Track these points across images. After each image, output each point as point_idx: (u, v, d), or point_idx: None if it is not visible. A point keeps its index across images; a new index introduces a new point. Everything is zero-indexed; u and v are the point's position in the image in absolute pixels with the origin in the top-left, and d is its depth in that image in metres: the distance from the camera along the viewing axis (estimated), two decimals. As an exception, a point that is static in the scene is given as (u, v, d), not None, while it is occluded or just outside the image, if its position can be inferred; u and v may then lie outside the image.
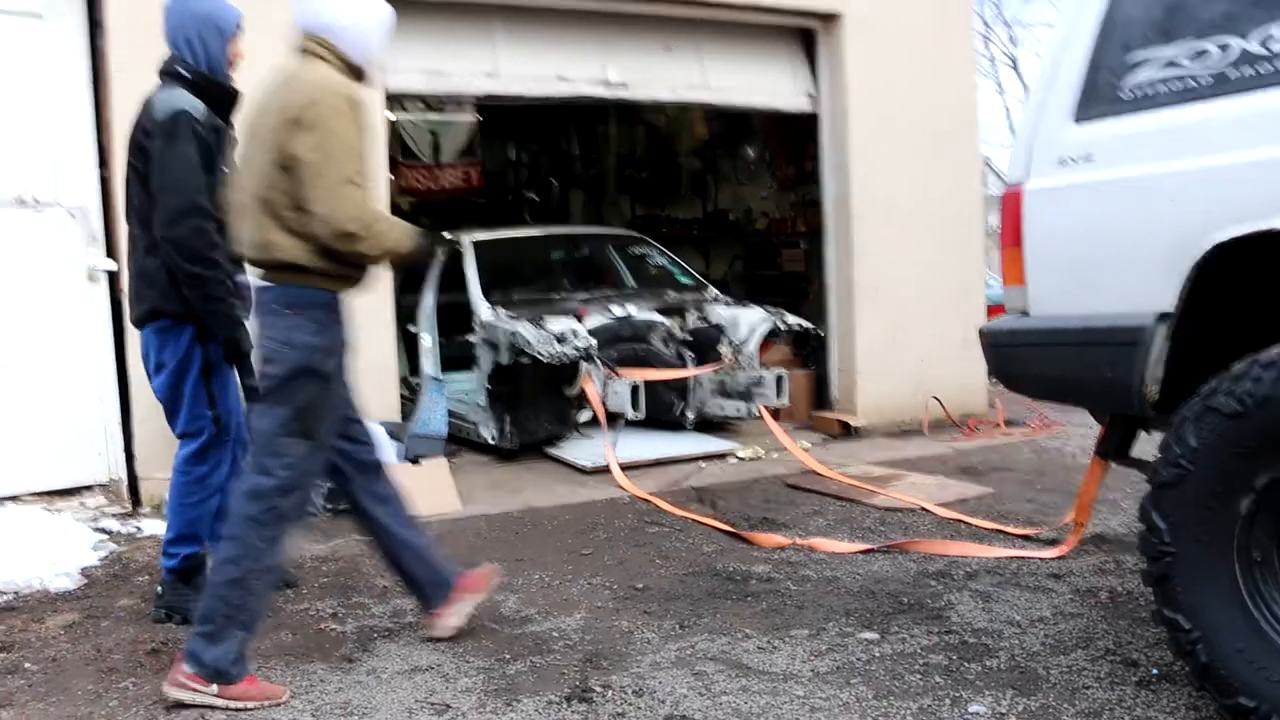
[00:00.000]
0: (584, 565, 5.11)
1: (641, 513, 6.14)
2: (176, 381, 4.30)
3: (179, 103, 4.11)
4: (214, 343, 4.27)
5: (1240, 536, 2.95)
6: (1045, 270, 3.63)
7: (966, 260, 9.39)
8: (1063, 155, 3.55)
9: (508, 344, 7.45)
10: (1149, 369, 3.23)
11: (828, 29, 9.00)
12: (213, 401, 4.31)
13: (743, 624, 4.22)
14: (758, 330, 8.22)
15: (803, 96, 9.17)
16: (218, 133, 4.21)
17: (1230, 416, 2.89)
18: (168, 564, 4.43)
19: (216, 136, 4.19)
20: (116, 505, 6.26)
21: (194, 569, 4.41)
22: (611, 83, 8.38)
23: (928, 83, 9.06)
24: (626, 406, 7.37)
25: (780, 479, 6.98)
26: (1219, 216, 3.07)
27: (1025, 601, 4.35)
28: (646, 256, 9.69)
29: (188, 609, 4.12)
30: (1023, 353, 3.77)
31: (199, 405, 4.30)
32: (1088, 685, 3.48)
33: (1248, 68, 3.11)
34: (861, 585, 4.66)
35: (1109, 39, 3.49)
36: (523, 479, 7.20)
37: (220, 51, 4.29)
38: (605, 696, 3.54)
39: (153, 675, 3.83)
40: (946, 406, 8.97)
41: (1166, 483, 3.03)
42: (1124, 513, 5.60)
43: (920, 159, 9.02)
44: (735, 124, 12.09)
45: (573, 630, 4.21)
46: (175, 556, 4.40)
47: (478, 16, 7.83)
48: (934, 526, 5.64)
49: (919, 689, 3.52)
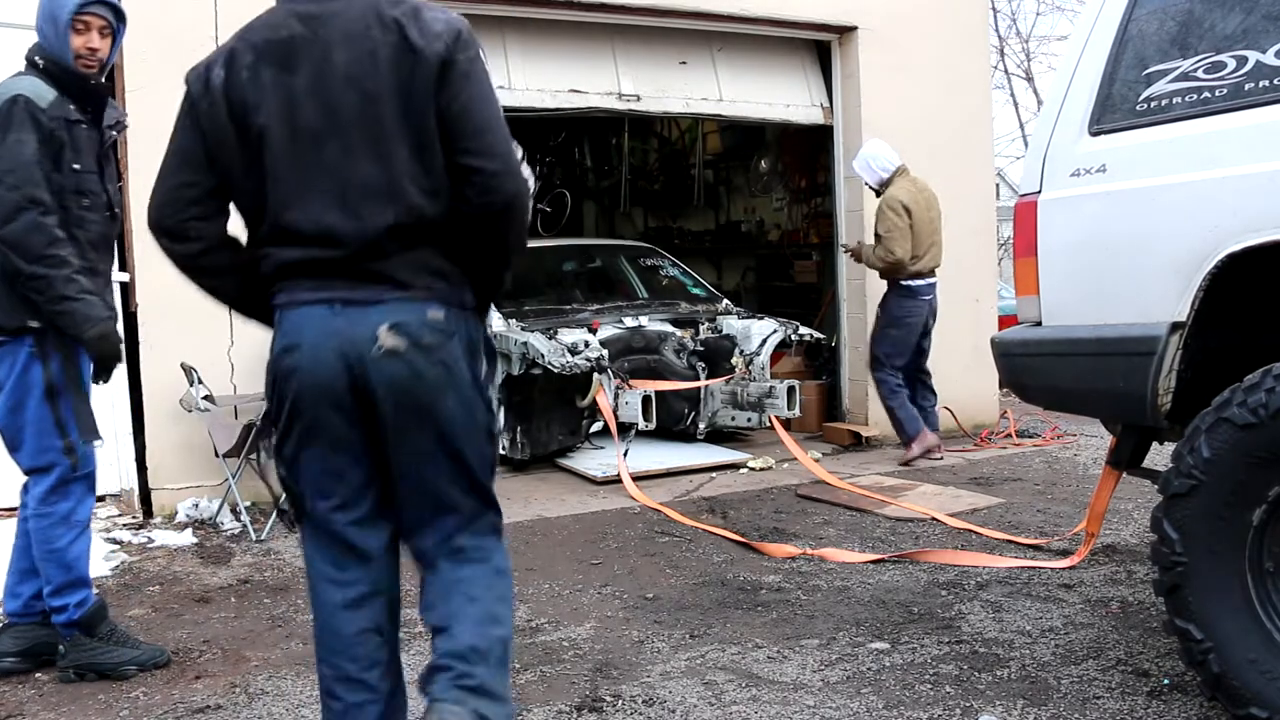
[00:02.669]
0: (594, 575, 5.11)
1: (652, 523, 6.14)
2: (14, 407, 3.78)
3: (16, 88, 3.73)
4: (58, 361, 3.79)
5: (1252, 547, 2.94)
6: (1059, 280, 3.62)
7: (978, 272, 9.37)
8: (1078, 166, 3.55)
9: (519, 354, 7.46)
10: (1161, 379, 3.23)
11: (842, 42, 9.03)
12: (62, 429, 3.79)
13: (753, 634, 4.21)
14: (769, 341, 8.21)
15: (816, 109, 9.18)
16: (71, 125, 3.77)
17: (1243, 427, 2.89)
18: (60, 620, 3.89)
19: (69, 129, 3.77)
20: (128, 515, 6.29)
21: (94, 617, 3.94)
22: (625, 95, 8.41)
23: (942, 96, 9.06)
24: (638, 417, 7.37)
25: (791, 489, 6.97)
26: (1232, 227, 3.07)
27: (1036, 611, 4.33)
28: (659, 268, 9.70)
29: (101, 664, 3.89)
30: (1036, 363, 3.76)
31: (46, 436, 3.79)
32: (1099, 695, 3.47)
33: (1263, 81, 3.12)
34: (872, 595, 4.65)
35: (1125, 51, 3.49)
36: (534, 489, 7.20)
37: (60, 42, 3.79)
38: (615, 706, 3.53)
39: (163, 685, 3.85)
40: (958, 417, 8.95)
41: (1179, 493, 3.02)
42: (1135, 523, 5.58)
43: (933, 171, 8.97)
44: (748, 136, 12.10)
45: (583, 639, 4.21)
46: (65, 609, 3.86)
47: (490, 28, 7.87)
48: (945, 537, 5.62)
49: (929, 699, 3.51)
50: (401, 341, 2.41)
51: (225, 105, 2.48)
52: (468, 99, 2.43)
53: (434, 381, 2.45)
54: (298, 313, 2.48)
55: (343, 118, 2.43)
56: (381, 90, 2.42)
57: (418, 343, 2.43)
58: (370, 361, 2.41)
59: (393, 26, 2.42)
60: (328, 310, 2.44)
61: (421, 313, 2.45)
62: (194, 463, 6.49)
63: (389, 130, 2.43)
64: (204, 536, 6.01)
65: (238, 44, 2.51)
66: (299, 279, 2.48)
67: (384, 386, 2.42)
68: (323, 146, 2.45)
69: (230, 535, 6.06)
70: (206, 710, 3.61)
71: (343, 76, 2.43)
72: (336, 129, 2.44)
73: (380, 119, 2.43)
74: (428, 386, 2.45)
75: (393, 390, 2.43)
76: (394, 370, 2.42)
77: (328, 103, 2.44)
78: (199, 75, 2.54)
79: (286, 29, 2.47)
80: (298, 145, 2.45)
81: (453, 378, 2.49)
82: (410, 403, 2.44)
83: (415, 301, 2.46)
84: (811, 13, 8.72)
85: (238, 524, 6.19)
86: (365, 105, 2.43)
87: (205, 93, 2.51)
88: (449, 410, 2.48)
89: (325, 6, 2.47)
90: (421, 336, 2.44)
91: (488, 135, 2.44)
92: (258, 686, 3.82)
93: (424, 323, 2.45)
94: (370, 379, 2.42)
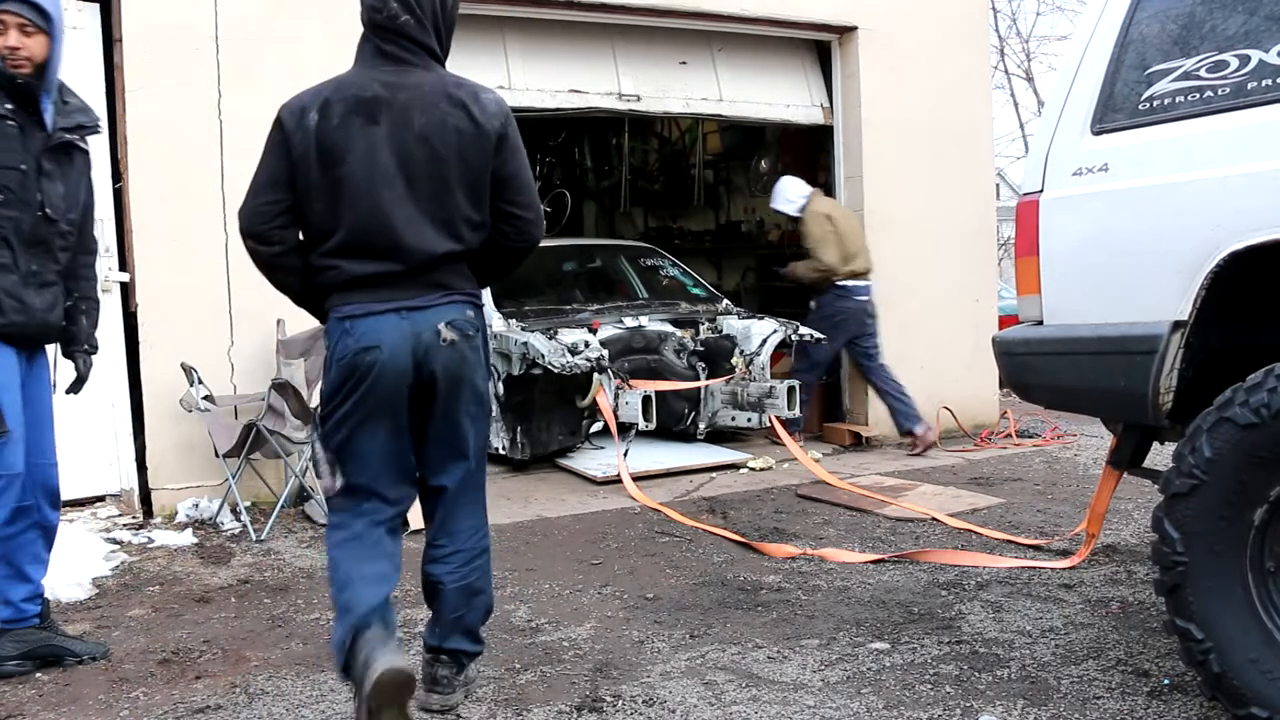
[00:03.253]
0: (594, 575, 5.11)
1: (652, 523, 6.13)
2: None
3: None
4: None
5: (1254, 546, 2.94)
6: (1060, 279, 3.62)
7: (979, 272, 9.37)
8: (1080, 165, 3.55)
9: (520, 354, 7.46)
10: (1163, 378, 3.23)
11: (843, 42, 9.03)
12: None
13: (753, 634, 4.21)
14: (770, 341, 8.21)
15: (816, 109, 9.18)
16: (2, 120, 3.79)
17: (1245, 427, 2.89)
18: None
19: None
20: (128, 515, 6.28)
21: None
22: (625, 95, 8.41)
23: (942, 95, 9.06)
24: (638, 417, 7.37)
25: (791, 489, 6.97)
26: (1234, 226, 3.07)
27: (1036, 612, 4.33)
28: (659, 268, 9.69)
29: None
30: (1037, 362, 3.76)
31: None
32: (1099, 695, 3.46)
33: (1265, 80, 3.11)
34: (872, 595, 4.64)
35: (1127, 51, 3.49)
36: (534, 489, 7.20)
37: None
38: (616, 706, 3.53)
39: (163, 685, 3.84)
40: (958, 417, 8.96)
41: (1180, 493, 3.01)
42: (1136, 523, 5.58)
43: (934, 171, 9.02)
44: (748, 136, 12.09)
45: (583, 640, 4.21)
46: None
47: (490, 28, 7.87)
48: (945, 537, 5.62)
49: (930, 699, 3.50)
50: (455, 334, 3.27)
51: (316, 143, 3.19)
52: (516, 165, 3.33)
53: (472, 362, 3.33)
54: (375, 320, 3.22)
55: (414, 164, 3.20)
56: (449, 150, 3.22)
57: (464, 334, 3.29)
58: (432, 350, 3.24)
59: (459, 104, 3.24)
60: (398, 318, 3.22)
61: (463, 311, 3.32)
62: (194, 463, 6.48)
63: (451, 180, 3.23)
64: (204, 536, 6.00)
65: (332, 95, 3.23)
66: (370, 289, 3.22)
67: (441, 368, 3.26)
68: (394, 184, 3.19)
69: (230, 535, 6.05)
70: (206, 710, 3.61)
71: (417, 133, 3.20)
72: (411, 175, 3.21)
73: (445, 170, 3.22)
74: (469, 366, 3.32)
75: (447, 370, 3.27)
76: (448, 356, 3.26)
77: (402, 151, 3.20)
78: (293, 113, 3.24)
79: (371, 90, 3.23)
80: (375, 180, 3.19)
81: (480, 359, 3.38)
82: (457, 377, 3.29)
83: (457, 304, 3.31)
84: (811, 13, 8.72)
85: (238, 524, 6.19)
86: (433, 158, 3.21)
87: (298, 129, 3.21)
88: (479, 383, 3.38)
89: (403, 79, 3.25)
90: (465, 330, 3.30)
91: (528, 193, 3.37)
92: (258, 686, 3.81)
93: (465, 319, 3.31)
94: (433, 363, 3.25)
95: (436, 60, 3.35)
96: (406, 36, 3.27)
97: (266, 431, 5.97)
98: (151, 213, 6.41)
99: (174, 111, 6.47)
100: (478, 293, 3.41)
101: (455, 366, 3.28)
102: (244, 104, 6.47)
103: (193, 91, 6.54)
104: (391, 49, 3.27)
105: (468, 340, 3.30)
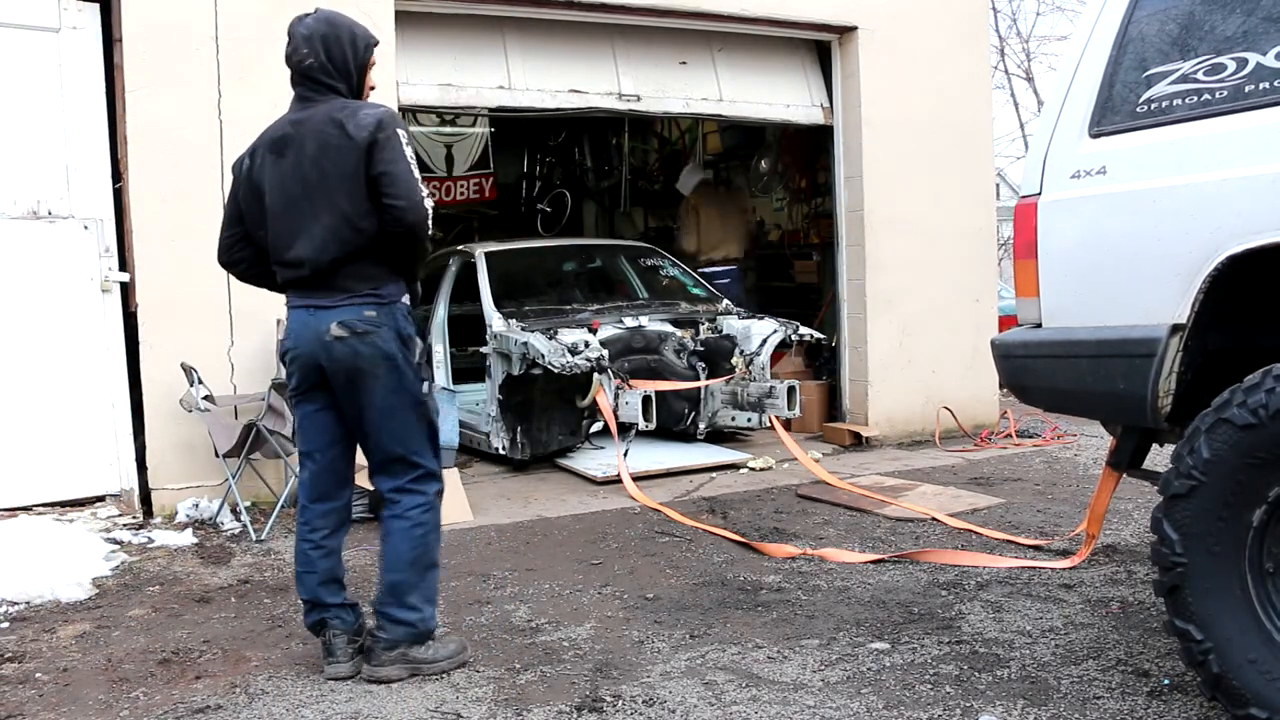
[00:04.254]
0: (594, 575, 5.11)
1: (652, 523, 6.14)
2: None
3: None
4: None
5: (1252, 547, 2.93)
6: (1059, 282, 3.62)
7: (979, 272, 9.37)
8: (1078, 168, 3.55)
9: (519, 355, 7.47)
10: (1161, 381, 3.23)
11: (843, 42, 9.02)
12: None
13: (753, 634, 4.21)
14: (770, 341, 8.21)
15: (817, 109, 9.18)
16: None
17: (1243, 428, 2.88)
18: None
19: None
20: (128, 516, 6.29)
21: None
22: (625, 95, 8.41)
23: (942, 96, 9.06)
24: (638, 417, 7.37)
25: (791, 489, 6.98)
26: (1232, 229, 3.07)
27: (1036, 612, 4.34)
28: (659, 268, 9.70)
29: None
30: (1035, 364, 3.76)
31: None
32: (1099, 696, 3.47)
33: (1263, 83, 3.11)
34: (872, 595, 4.65)
35: (1125, 53, 3.49)
36: (534, 489, 7.20)
37: None
38: (616, 706, 3.53)
39: (163, 685, 3.85)
40: (958, 417, 8.96)
41: (1179, 494, 3.02)
42: (1135, 523, 5.59)
43: (934, 171, 9.03)
44: (748, 136, 12.09)
45: (583, 640, 4.21)
46: None
47: (491, 29, 7.87)
48: (945, 537, 5.62)
49: (930, 699, 3.51)
50: (345, 331, 3.70)
51: (248, 183, 3.86)
52: (387, 163, 3.66)
53: (367, 355, 3.72)
54: (293, 314, 3.86)
55: (309, 185, 3.71)
56: (331, 165, 3.68)
57: (354, 331, 3.71)
58: (329, 345, 3.72)
59: (338, 124, 3.68)
60: (307, 313, 3.79)
61: (359, 311, 3.73)
62: (194, 463, 6.49)
63: (334, 191, 3.68)
64: (204, 536, 6.01)
65: (259, 141, 3.85)
66: (295, 292, 3.85)
67: (333, 361, 3.74)
68: (299, 205, 3.73)
69: (230, 535, 6.06)
70: (206, 710, 3.61)
71: (310, 159, 3.71)
72: (307, 193, 3.71)
73: (329, 183, 3.69)
74: (364, 359, 3.72)
75: (340, 363, 3.73)
76: (340, 350, 3.72)
77: (303, 177, 3.72)
78: (238, 162, 3.92)
79: (281, 130, 3.80)
80: (284, 205, 3.76)
81: (381, 352, 3.73)
82: (351, 369, 3.74)
83: (354, 305, 3.74)
84: (811, 13, 8.72)
85: (238, 524, 6.19)
86: (322, 176, 3.69)
87: (240, 174, 3.90)
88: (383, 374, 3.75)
89: (303, 115, 3.76)
90: (356, 327, 3.71)
91: (399, 185, 3.67)
92: (258, 686, 3.82)
93: (361, 318, 3.73)
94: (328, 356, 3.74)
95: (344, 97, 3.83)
96: (312, 79, 3.78)
97: (266, 431, 5.99)
98: (151, 213, 6.41)
99: (174, 111, 6.48)
100: (382, 292, 3.78)
101: (348, 360, 3.72)
102: (244, 104, 6.47)
103: (193, 92, 6.54)
104: (300, 89, 3.83)
105: (360, 337, 3.71)
